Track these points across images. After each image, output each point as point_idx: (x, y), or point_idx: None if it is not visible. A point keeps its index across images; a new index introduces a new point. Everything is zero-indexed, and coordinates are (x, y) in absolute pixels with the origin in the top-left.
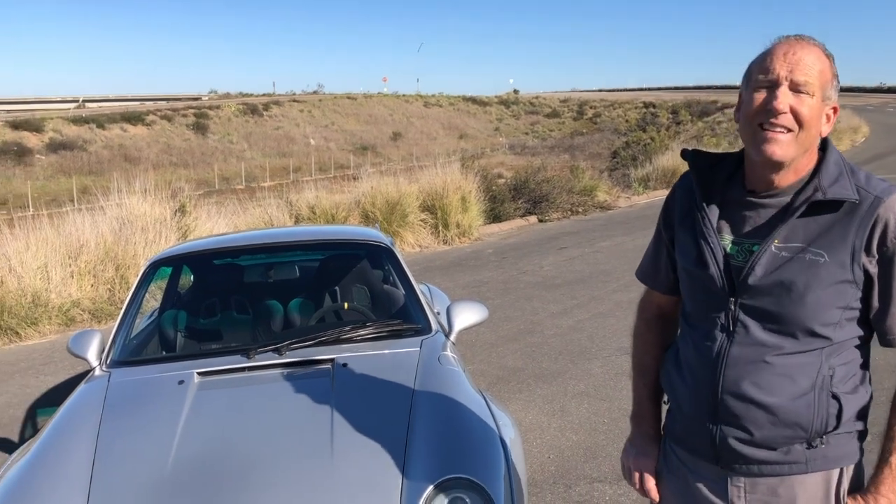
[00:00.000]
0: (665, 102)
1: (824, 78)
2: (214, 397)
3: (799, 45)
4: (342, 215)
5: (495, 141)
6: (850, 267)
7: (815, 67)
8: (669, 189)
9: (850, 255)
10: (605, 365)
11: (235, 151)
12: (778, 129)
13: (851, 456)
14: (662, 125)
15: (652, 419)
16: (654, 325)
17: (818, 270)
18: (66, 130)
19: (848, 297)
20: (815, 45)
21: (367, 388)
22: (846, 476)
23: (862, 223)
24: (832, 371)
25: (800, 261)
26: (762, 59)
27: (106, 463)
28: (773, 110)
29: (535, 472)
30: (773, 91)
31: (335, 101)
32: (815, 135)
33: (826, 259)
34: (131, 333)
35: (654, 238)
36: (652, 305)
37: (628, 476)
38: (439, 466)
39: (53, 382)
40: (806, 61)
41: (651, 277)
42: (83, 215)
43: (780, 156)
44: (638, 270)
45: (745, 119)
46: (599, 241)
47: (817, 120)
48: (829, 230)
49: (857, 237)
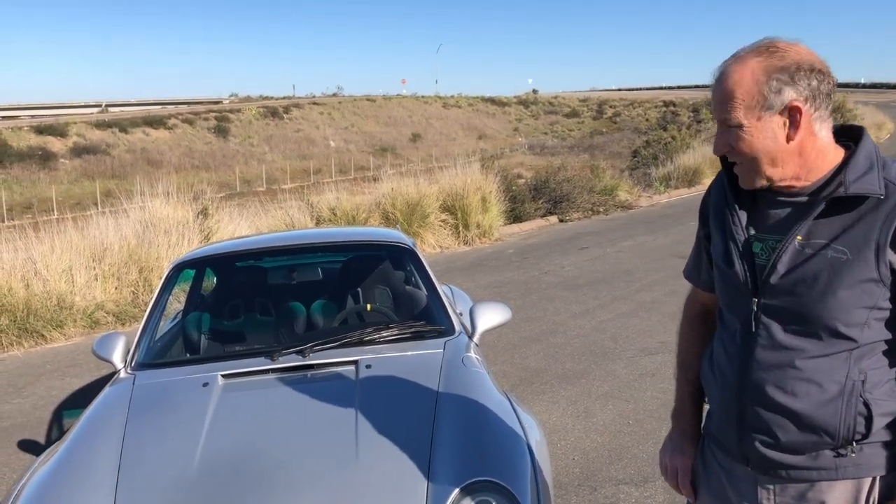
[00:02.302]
0: (685, 101)
1: (749, 96)
2: (239, 399)
3: (722, 77)
4: (363, 216)
5: (514, 141)
6: (875, 265)
7: (735, 94)
8: (691, 188)
9: (875, 252)
10: (629, 366)
11: (256, 154)
12: (737, 166)
13: (884, 465)
14: (683, 124)
15: (692, 417)
16: (696, 323)
17: (841, 268)
18: (90, 135)
19: (875, 296)
20: (737, 65)
21: (391, 390)
22: (878, 486)
23: (888, 219)
24: (864, 375)
25: (822, 257)
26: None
27: (132, 465)
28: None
29: (560, 473)
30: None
31: (355, 103)
32: (787, 147)
33: (849, 256)
34: (155, 336)
35: (696, 236)
36: (696, 303)
37: (665, 474)
38: (465, 469)
39: (79, 385)
40: (724, 93)
41: (694, 275)
42: (107, 218)
43: (751, 184)
44: (685, 268)
45: None
46: (621, 241)
47: (764, 140)
48: (853, 226)
49: (881, 234)
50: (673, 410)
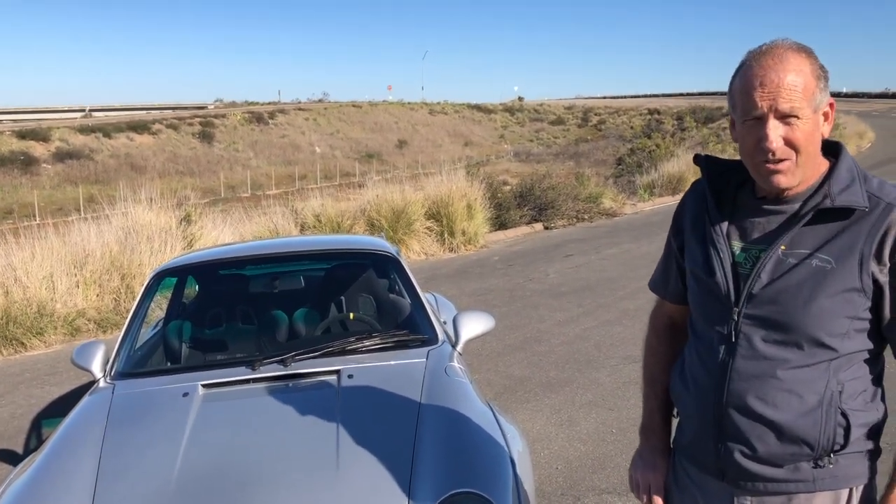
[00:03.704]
0: (670, 109)
1: (809, 90)
2: (219, 410)
3: (773, 63)
4: (347, 223)
5: (500, 148)
6: (859, 275)
7: (798, 86)
8: (675, 196)
9: (859, 262)
10: (613, 374)
11: (241, 160)
12: (778, 162)
13: (862, 476)
14: (667, 132)
15: (661, 432)
16: (664, 336)
17: (825, 277)
18: (73, 139)
19: (856, 306)
20: (792, 53)
21: (373, 401)
22: (855, 497)
23: (872, 230)
24: (841, 386)
25: (806, 267)
26: (741, 89)
27: (110, 476)
28: (766, 150)
29: (543, 483)
30: (761, 127)
31: (340, 109)
32: (818, 144)
33: (833, 266)
34: (136, 345)
35: (665, 248)
36: (663, 316)
37: (636, 490)
38: (446, 481)
39: (58, 393)
40: (786, 84)
41: (661, 287)
42: (89, 225)
43: (787, 184)
44: (650, 281)
45: (744, 154)
46: (605, 249)
47: (814, 135)
48: (837, 237)
49: (865, 244)
50: (641, 426)
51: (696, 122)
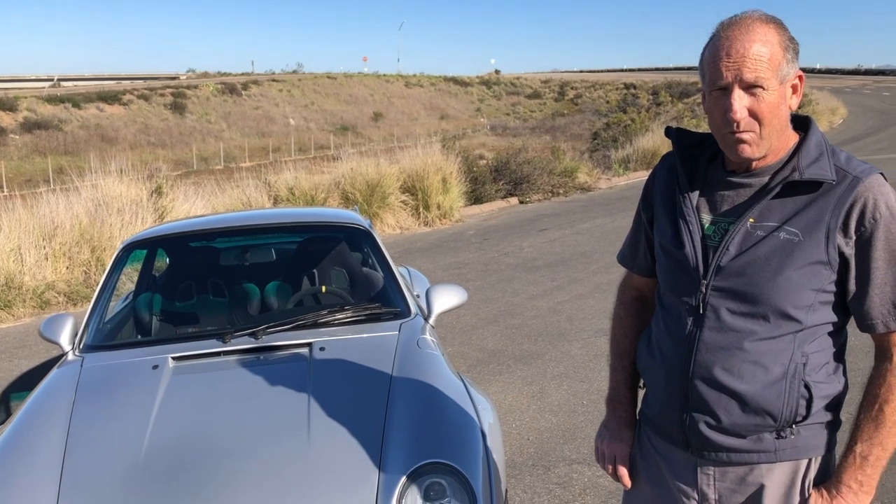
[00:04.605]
0: (646, 83)
1: (775, 61)
2: (189, 383)
3: (740, 34)
4: (321, 197)
5: (477, 122)
6: (825, 247)
7: (763, 57)
8: (649, 170)
9: (825, 235)
10: (585, 346)
11: (214, 131)
12: (743, 132)
13: (820, 447)
14: (643, 106)
15: (627, 403)
16: (632, 309)
17: (792, 249)
18: (41, 109)
19: (822, 278)
20: (760, 24)
21: (344, 373)
22: (813, 467)
23: (839, 203)
24: (805, 358)
25: (774, 239)
26: (709, 59)
27: (78, 450)
28: (731, 120)
29: (514, 454)
30: (727, 98)
31: (315, 81)
32: (785, 116)
33: (800, 238)
34: (105, 317)
35: (633, 221)
36: (631, 288)
37: (601, 460)
38: (417, 452)
39: (28, 366)
40: (751, 54)
41: (630, 260)
42: (58, 196)
43: (751, 154)
44: (618, 254)
45: (712, 125)
46: (580, 223)
47: (779, 107)
48: (805, 209)
49: (832, 217)
50: (607, 397)
51: (672, 97)
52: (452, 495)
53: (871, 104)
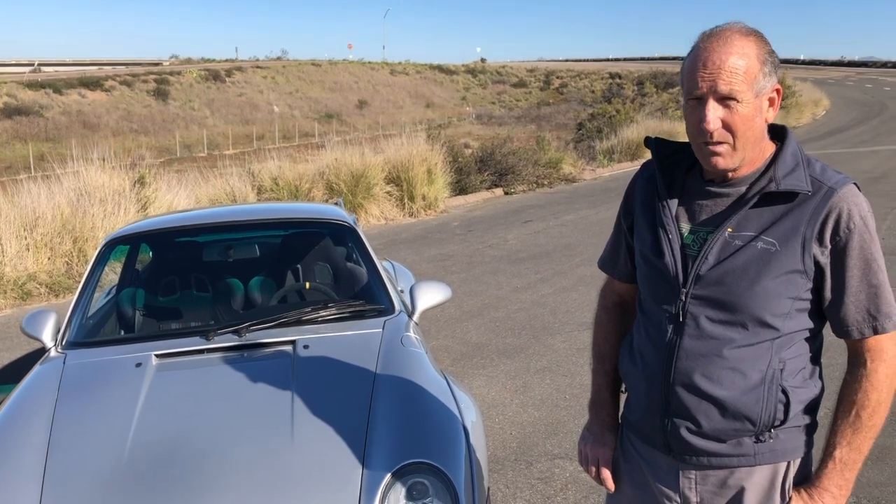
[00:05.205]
0: (631, 73)
1: (751, 74)
2: (173, 380)
3: (718, 46)
4: (306, 187)
5: (462, 110)
6: (801, 257)
7: (739, 69)
8: (633, 161)
9: (801, 245)
10: (568, 340)
11: (197, 118)
12: (716, 144)
13: (799, 449)
14: (628, 97)
15: (610, 407)
16: (613, 314)
17: (769, 259)
18: (22, 95)
19: (798, 287)
20: (739, 36)
21: (328, 372)
22: (792, 469)
23: (814, 214)
24: (782, 364)
25: (752, 249)
26: (688, 69)
27: (60, 450)
28: (704, 131)
29: (496, 448)
30: (702, 108)
31: (299, 68)
32: (760, 129)
33: (777, 248)
34: (87, 313)
35: (614, 227)
36: (612, 293)
37: (584, 463)
38: (400, 451)
39: (9, 358)
40: (727, 66)
41: (610, 266)
42: (39, 185)
43: (725, 166)
44: (599, 259)
45: (688, 133)
46: (564, 215)
47: (754, 119)
48: (781, 220)
49: (808, 227)
50: (590, 401)
51: (657, 88)
52: (435, 495)
53: (854, 96)
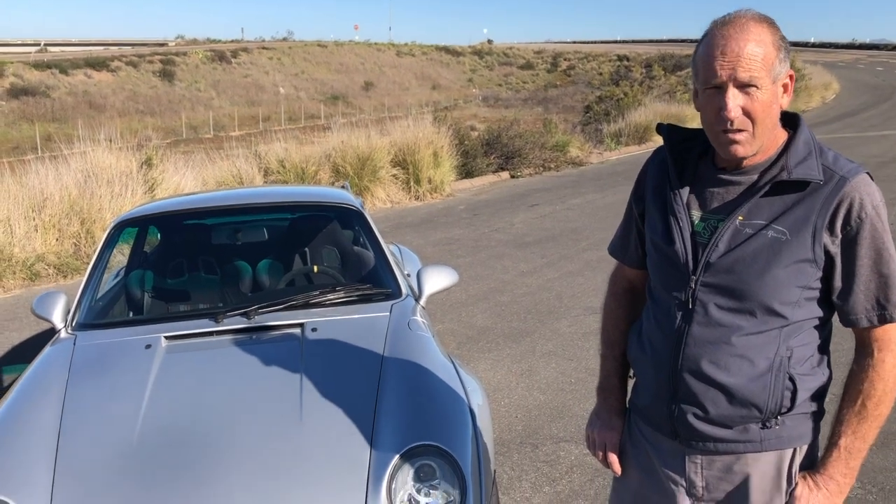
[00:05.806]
0: (639, 55)
1: (769, 61)
2: (182, 362)
3: (735, 33)
4: (312, 170)
5: (468, 92)
6: (812, 246)
7: (758, 56)
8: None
9: (812, 234)
10: (573, 324)
11: (203, 99)
12: (736, 132)
13: (805, 436)
14: (635, 80)
15: (618, 392)
16: (623, 300)
17: (780, 248)
18: (28, 75)
19: (808, 276)
20: (754, 23)
21: (336, 354)
22: (799, 455)
23: (826, 203)
24: (790, 352)
25: (762, 237)
26: (704, 58)
27: (72, 431)
28: (725, 118)
29: (502, 432)
30: (721, 96)
31: (305, 49)
32: (776, 115)
33: (788, 237)
34: (97, 295)
35: (625, 213)
36: (622, 280)
37: (592, 448)
38: (408, 434)
39: (18, 339)
40: (746, 53)
41: (621, 252)
42: (46, 167)
43: (744, 153)
44: (609, 245)
45: (704, 123)
46: (570, 199)
47: (772, 106)
48: (793, 208)
49: (819, 217)
50: (598, 386)
51: (665, 71)
52: (442, 477)
53: (865, 79)
